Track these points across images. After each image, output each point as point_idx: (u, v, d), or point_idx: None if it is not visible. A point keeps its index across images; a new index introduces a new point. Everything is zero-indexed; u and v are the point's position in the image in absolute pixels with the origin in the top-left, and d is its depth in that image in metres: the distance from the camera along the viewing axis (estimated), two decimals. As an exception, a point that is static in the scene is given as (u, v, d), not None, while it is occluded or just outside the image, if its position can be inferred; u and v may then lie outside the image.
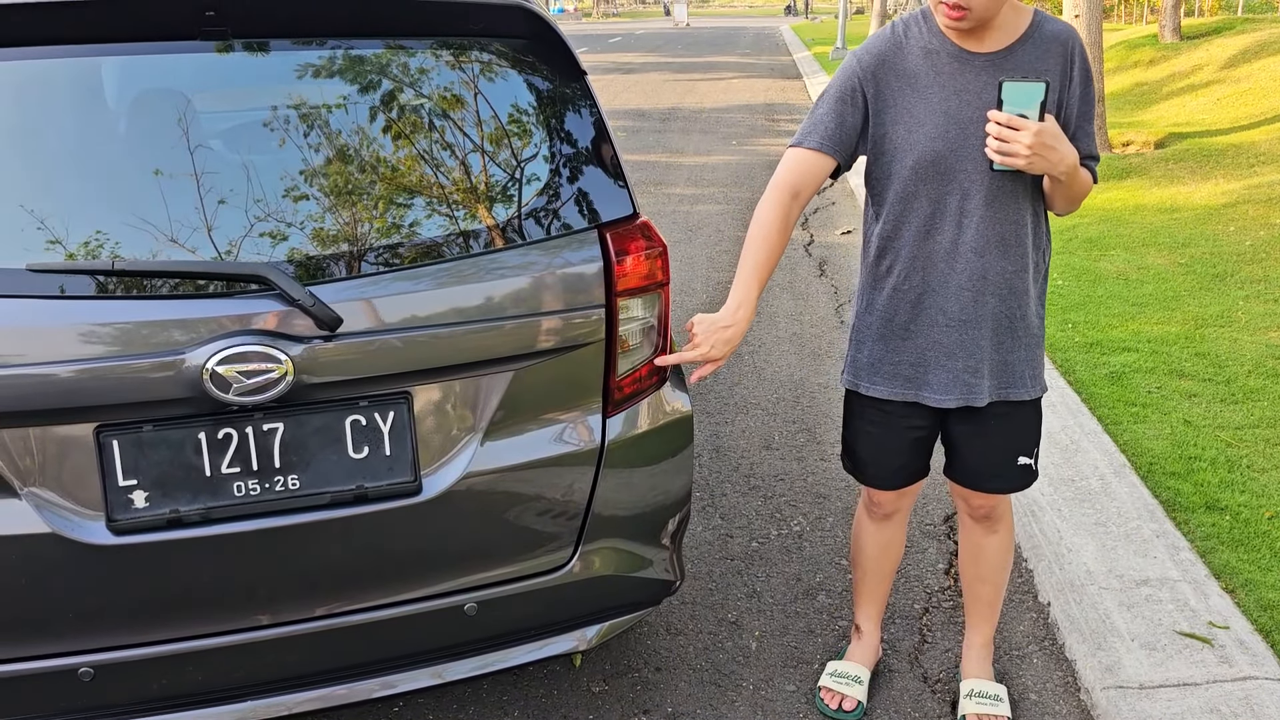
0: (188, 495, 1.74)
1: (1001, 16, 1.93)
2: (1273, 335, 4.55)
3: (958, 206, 1.98)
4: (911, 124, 1.97)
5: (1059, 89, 1.96)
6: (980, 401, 2.09)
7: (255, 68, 1.82)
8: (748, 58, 25.75)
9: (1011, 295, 2.04)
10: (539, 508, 1.96)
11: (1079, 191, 1.99)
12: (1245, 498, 3.20)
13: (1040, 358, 2.16)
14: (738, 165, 9.90)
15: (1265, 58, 10.61)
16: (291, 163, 1.78)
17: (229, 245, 1.71)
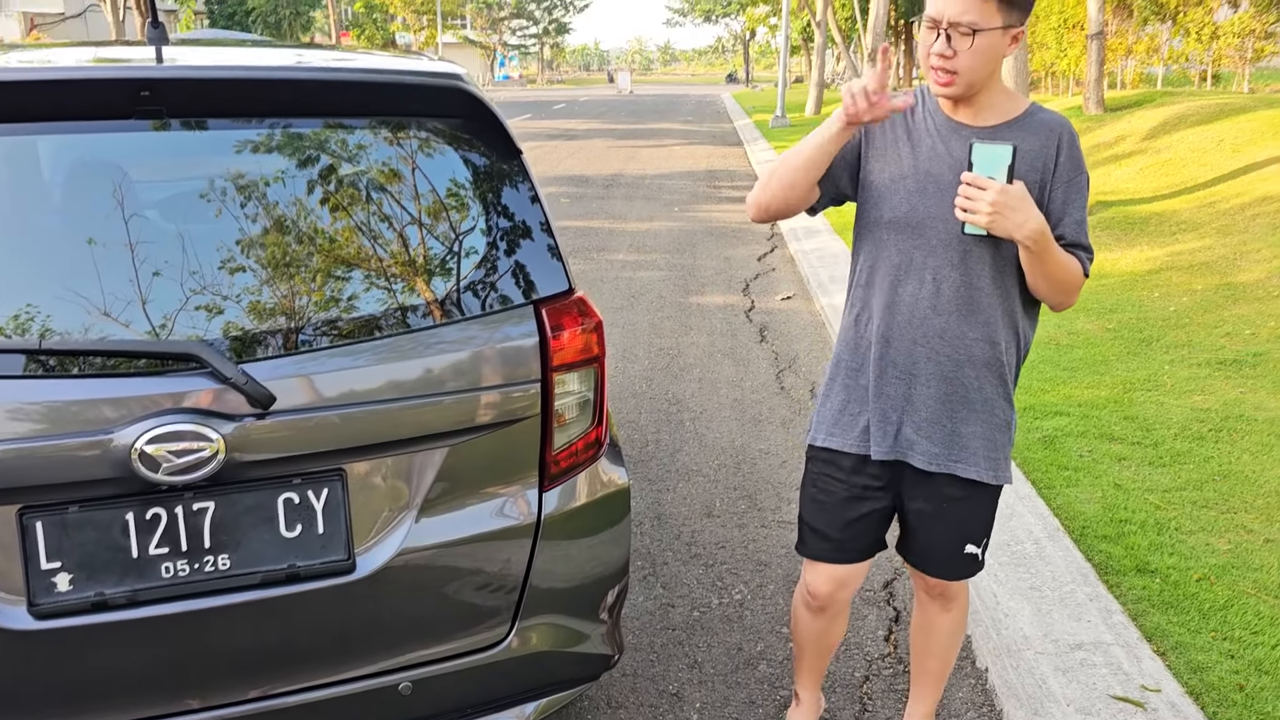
0: (114, 577, 1.70)
1: (994, 97, 1.99)
2: (1197, 399, 4.70)
3: (924, 263, 2.02)
4: (895, 174, 2.03)
5: (1043, 172, 1.98)
6: (919, 461, 2.09)
7: (191, 144, 1.83)
8: (690, 125, 26.25)
9: (969, 363, 2.05)
10: (475, 583, 1.94)
11: (1059, 274, 1.97)
12: (1174, 560, 3.27)
13: (1004, 444, 2.12)
14: (679, 231, 10.03)
15: (1183, 130, 11.09)
16: (227, 238, 1.77)
17: (162, 321, 1.70)
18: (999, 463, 2.12)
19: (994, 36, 1.88)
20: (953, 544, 2.19)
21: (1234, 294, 6.24)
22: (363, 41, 54.53)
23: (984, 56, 1.90)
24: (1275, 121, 10.21)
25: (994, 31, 1.88)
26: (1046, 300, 2.05)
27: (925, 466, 2.10)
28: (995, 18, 1.87)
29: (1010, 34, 1.91)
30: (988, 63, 1.91)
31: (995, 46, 1.90)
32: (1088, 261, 2.03)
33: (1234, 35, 14.10)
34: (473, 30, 73.30)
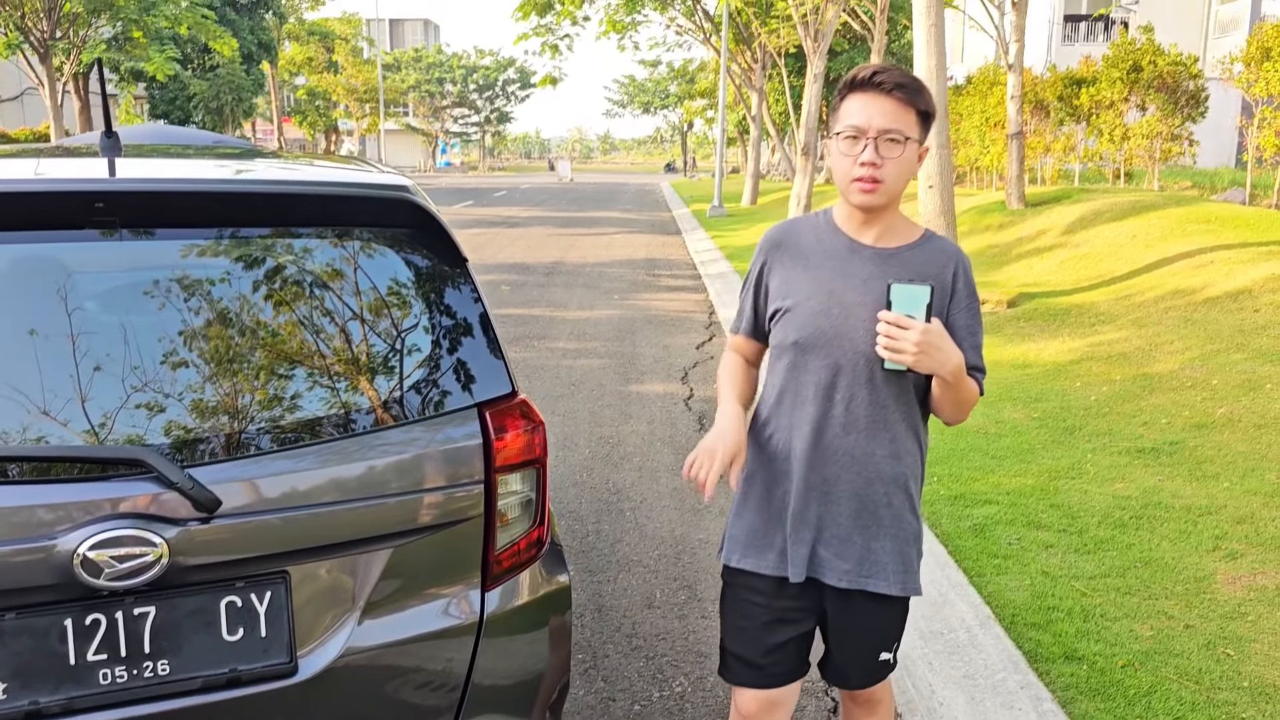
0: (49, 686, 1.69)
1: (895, 220, 2.09)
2: (1118, 486, 4.87)
3: (831, 382, 2.05)
4: (799, 298, 2.08)
5: (941, 297, 2.05)
6: (831, 579, 2.10)
7: (141, 252, 1.87)
8: (629, 214, 26.71)
9: (878, 479, 2.08)
10: (417, 683, 1.95)
11: (966, 398, 2.04)
12: (1100, 647, 3.37)
13: (913, 557, 2.15)
14: (620, 320, 10.16)
15: (1099, 225, 11.60)
16: (174, 343, 1.81)
17: (107, 425, 1.72)
18: (909, 575, 2.14)
19: (912, 149, 1.99)
20: (869, 656, 2.21)
21: (1150, 384, 6.51)
22: (305, 128, 54.81)
23: (907, 166, 2.00)
24: (1184, 219, 10.75)
25: (914, 143, 1.99)
26: (945, 418, 2.11)
27: (838, 584, 2.10)
28: (916, 130, 1.99)
29: (922, 149, 2.03)
30: (906, 173, 2.01)
31: (911, 159, 2.00)
32: (982, 380, 2.12)
33: (1143, 137, 14.87)
34: (415, 118, 74.17)
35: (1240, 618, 3.56)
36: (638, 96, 72.34)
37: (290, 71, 54.17)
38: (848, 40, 28.40)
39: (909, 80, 1.97)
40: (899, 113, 1.96)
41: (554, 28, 28.09)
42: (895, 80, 1.97)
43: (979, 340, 2.10)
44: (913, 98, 1.97)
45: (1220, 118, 15.49)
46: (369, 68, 58.83)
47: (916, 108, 1.98)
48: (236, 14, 36.62)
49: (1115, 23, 31.12)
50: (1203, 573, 3.91)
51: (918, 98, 1.98)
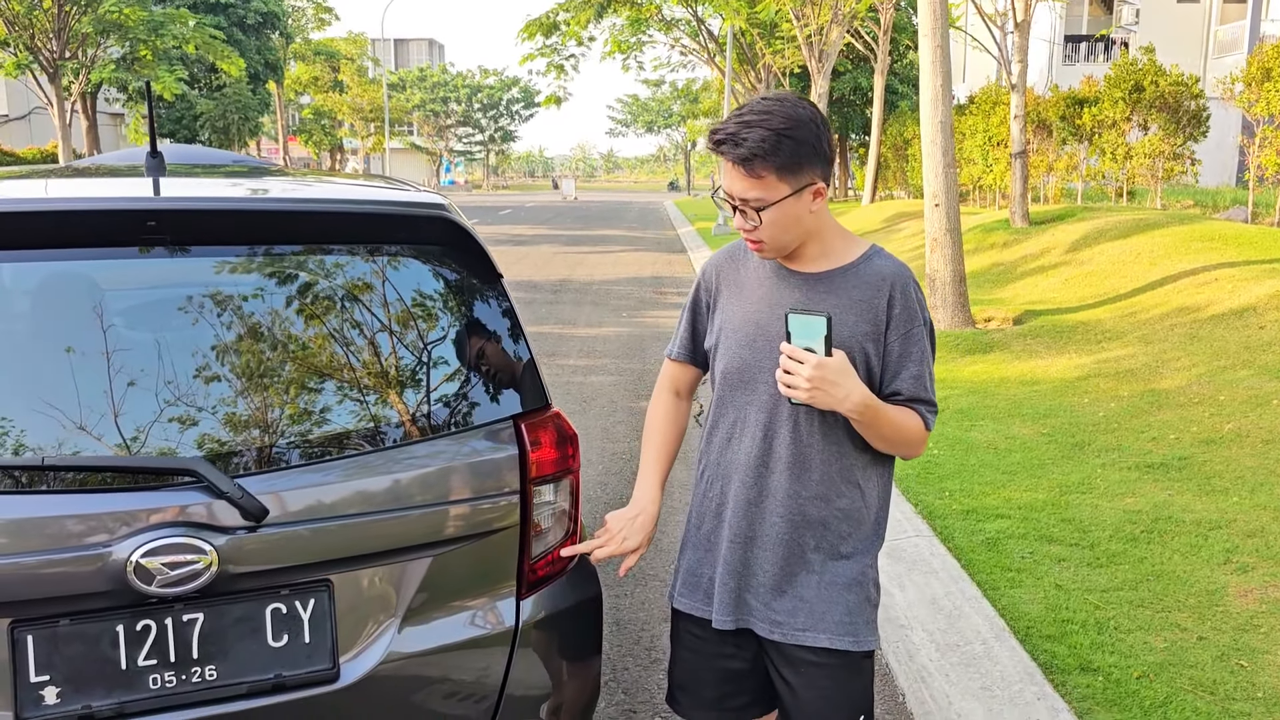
0: (102, 690, 1.74)
1: (827, 244, 1.93)
2: (1129, 501, 4.91)
3: (756, 419, 1.94)
4: (729, 329, 1.98)
5: (874, 323, 1.89)
6: (760, 629, 1.96)
7: (190, 272, 1.94)
8: (634, 231, 26.84)
9: (805, 524, 1.93)
10: (455, 689, 2.00)
11: (894, 435, 1.89)
12: (1115, 658, 3.40)
13: (858, 606, 1.96)
14: (629, 336, 10.23)
15: (1104, 243, 11.68)
16: (223, 358, 1.87)
17: (158, 437, 1.78)
18: (854, 627, 1.94)
19: (786, 205, 1.82)
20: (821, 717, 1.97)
21: (1157, 400, 6.55)
22: (310, 147, 55.11)
23: (784, 223, 1.84)
24: (1187, 237, 10.82)
25: (784, 201, 1.81)
26: (889, 453, 1.97)
27: (768, 635, 1.96)
28: (779, 189, 1.80)
29: (807, 192, 1.83)
30: (790, 226, 1.85)
31: (791, 212, 1.83)
32: (929, 414, 1.93)
33: (1145, 156, 14.97)
34: (419, 136, 74.56)
35: (1253, 630, 3.59)
36: (641, 116, 72.76)
37: (296, 91, 54.51)
38: (850, 61, 28.61)
39: (755, 147, 1.77)
40: (750, 184, 1.81)
41: (559, 48, 28.34)
42: (737, 155, 1.79)
43: (922, 370, 1.91)
44: (760, 167, 1.79)
45: (1222, 137, 15.60)
46: (374, 87, 59.20)
47: (774, 167, 1.78)
48: (243, 34, 36.90)
49: (1115, 43, 31.34)
50: (1214, 586, 3.94)
51: (769, 161, 1.78)
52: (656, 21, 27.82)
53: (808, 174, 1.82)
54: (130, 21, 22.82)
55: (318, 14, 49.33)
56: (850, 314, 1.89)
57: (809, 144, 1.81)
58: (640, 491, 2.09)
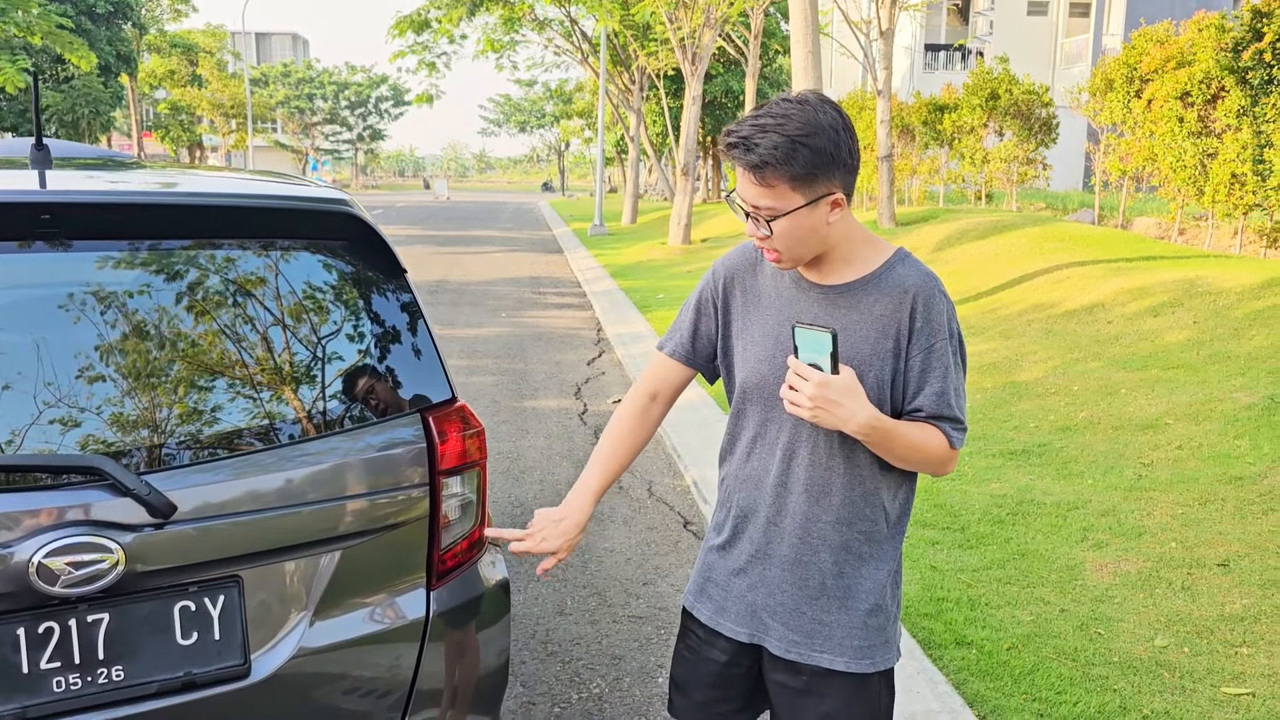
0: (2, 695, 1.69)
1: (849, 252, 1.81)
2: (994, 486, 5.20)
3: (775, 436, 1.86)
4: (748, 341, 1.90)
5: (896, 337, 1.78)
6: (775, 648, 1.90)
7: (87, 264, 1.89)
8: (510, 232, 26.70)
9: (824, 546, 1.85)
10: (368, 681, 2.01)
11: (912, 456, 1.78)
12: (987, 632, 3.62)
13: (877, 628, 1.87)
14: (509, 337, 10.21)
15: (965, 243, 12.26)
16: (125, 354, 1.83)
17: (61, 436, 1.74)
18: (870, 650, 1.87)
19: (799, 216, 1.71)
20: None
21: (1018, 391, 6.95)
22: (167, 143, 52.80)
23: (798, 235, 1.73)
24: (1041, 238, 11.46)
25: (798, 212, 1.70)
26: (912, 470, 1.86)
27: (782, 655, 1.89)
28: (793, 199, 1.69)
29: (824, 203, 1.71)
30: (805, 238, 1.74)
31: (805, 224, 1.72)
32: (955, 433, 1.80)
33: (1001, 160, 15.77)
34: (284, 134, 72.32)
35: (1108, 600, 3.87)
36: (514, 116, 72.30)
37: (151, 84, 52.15)
38: (722, 64, 29.13)
39: (767, 154, 1.66)
40: (761, 192, 1.70)
41: (431, 45, 27.93)
42: (748, 161, 1.68)
43: (946, 386, 1.78)
44: (772, 176, 1.68)
45: (1069, 143, 16.57)
46: (235, 82, 57.11)
47: (786, 176, 1.67)
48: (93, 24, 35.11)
49: (972, 52, 32.84)
50: (1073, 562, 4.23)
51: (781, 170, 1.67)
52: (529, 21, 27.73)
53: (824, 184, 1.69)
54: (-32, 7, 21.48)
55: (174, 4, 47.30)
56: (872, 329, 1.78)
57: (827, 153, 1.67)
58: (572, 496, 2.00)
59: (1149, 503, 4.78)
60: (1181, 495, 4.81)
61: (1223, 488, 4.80)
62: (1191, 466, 5.16)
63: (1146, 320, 7.78)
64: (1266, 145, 9.35)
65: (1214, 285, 8.01)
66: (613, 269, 16.35)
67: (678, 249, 19.36)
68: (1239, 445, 5.25)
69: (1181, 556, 4.20)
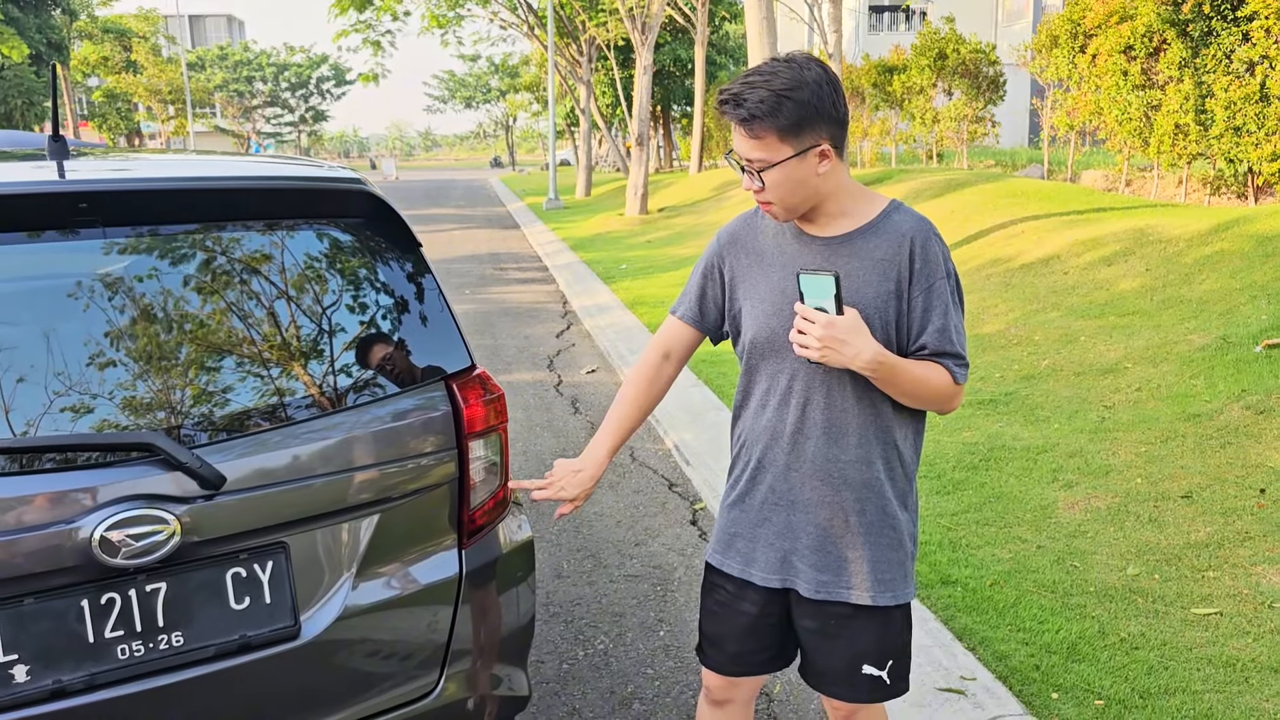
0: (71, 663, 1.77)
1: (843, 204, 1.92)
2: (966, 435, 5.39)
3: (788, 386, 1.97)
4: (755, 299, 1.99)
5: (897, 280, 1.89)
6: (805, 590, 2.01)
7: (129, 251, 1.96)
8: (464, 210, 26.56)
9: (845, 486, 1.95)
10: (407, 638, 2.11)
11: (919, 391, 1.89)
12: (970, 571, 3.80)
13: (898, 563, 2.00)
14: (476, 314, 10.25)
15: (920, 203, 12.47)
16: (166, 337, 1.91)
17: (112, 415, 1.81)
18: (893, 583, 1.99)
19: (789, 167, 1.82)
20: (847, 665, 2.04)
21: (982, 344, 7.16)
22: (105, 132, 51.65)
23: (789, 185, 1.84)
24: (994, 194, 11.70)
25: (788, 163, 1.82)
26: (920, 409, 1.97)
27: (812, 595, 2.00)
28: (781, 150, 1.81)
29: (812, 154, 1.82)
30: (796, 188, 1.85)
31: (795, 175, 1.84)
32: (958, 369, 1.92)
33: (951, 119, 16.00)
34: (224, 118, 70.99)
35: (1081, 535, 4.08)
36: (459, 92, 71.55)
37: (84, 72, 50.90)
38: (670, 33, 29.08)
39: (754, 108, 1.79)
40: (752, 145, 1.83)
41: (374, 23, 27.58)
42: (737, 115, 1.82)
43: (947, 323, 1.90)
44: (760, 128, 1.80)
45: (1015, 100, 16.85)
46: (172, 67, 55.91)
47: (775, 129, 1.79)
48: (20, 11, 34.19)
49: (915, 13, 33.06)
50: (1046, 501, 4.43)
51: (768, 122, 1.79)
52: (474, -5, 27.49)
53: (811, 135, 1.81)
54: (-107, -2, 20.83)
55: (104, -12, 46.14)
56: (874, 273, 1.89)
57: (811, 105, 1.78)
58: (590, 448, 2.13)
59: (1113, 443, 5.00)
60: (1144, 434, 5.04)
61: (1182, 425, 5.03)
62: (1151, 407, 5.39)
63: (1101, 270, 8.03)
64: (1208, 96, 9.63)
65: (1163, 234, 8.27)
66: (572, 242, 16.39)
67: (635, 219, 19.43)
68: (1195, 385, 5.49)
69: (1147, 491, 4.42)
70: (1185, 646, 3.22)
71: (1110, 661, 3.15)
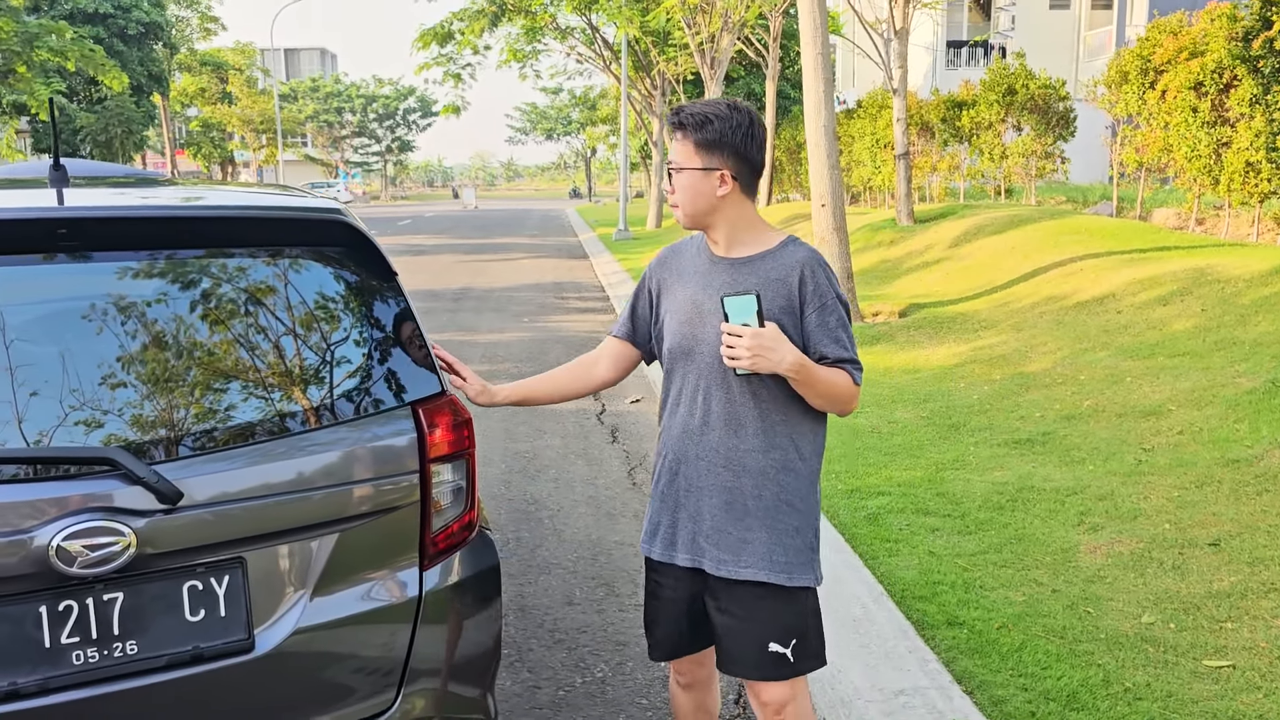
0: (26, 667, 1.85)
1: (745, 234, 2.26)
2: (997, 474, 5.29)
3: (696, 384, 2.27)
4: (673, 310, 2.32)
5: (789, 298, 2.20)
6: (709, 566, 2.27)
7: (102, 274, 2.06)
8: (535, 239, 26.94)
9: (744, 473, 2.23)
10: (364, 657, 2.16)
11: (828, 390, 2.18)
12: (979, 613, 3.73)
13: (796, 549, 2.25)
14: (530, 341, 10.39)
15: (982, 238, 12.32)
16: (132, 359, 2.00)
17: (75, 431, 1.91)
18: (790, 566, 2.23)
19: (694, 176, 2.19)
20: (753, 644, 2.26)
21: (1026, 382, 7.02)
22: (200, 160, 53.69)
23: (691, 193, 2.21)
24: (1057, 231, 11.49)
25: (694, 172, 2.19)
26: (827, 411, 2.26)
27: (714, 571, 2.26)
28: (694, 159, 2.19)
29: (714, 174, 2.18)
30: (696, 198, 2.21)
31: (698, 186, 2.20)
32: (856, 372, 2.22)
33: (1019, 155, 15.76)
34: (314, 148, 73.21)
35: (1100, 580, 3.97)
36: (540, 123, 72.73)
37: (182, 103, 53.06)
38: (743, 67, 29.23)
39: (686, 117, 2.19)
40: (675, 146, 2.24)
41: (455, 57, 28.27)
42: (676, 121, 2.22)
43: (841, 334, 2.21)
44: (683, 132, 2.20)
45: (1090, 136, 16.52)
46: (265, 98, 57.96)
47: (691, 140, 2.19)
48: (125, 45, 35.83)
49: (994, 48, 32.68)
50: (1068, 544, 4.32)
51: (690, 131, 2.19)
52: (551, 30, 28.00)
53: (719, 160, 2.19)
54: (2, 34, 22.04)
55: (203, 24, 48.12)
56: (769, 291, 2.20)
57: (728, 136, 2.17)
58: (500, 387, 2.52)
59: (1146, 486, 4.86)
60: (1179, 479, 4.89)
61: (1220, 470, 4.87)
62: (1191, 450, 5.23)
63: (1155, 309, 7.83)
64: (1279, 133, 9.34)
65: (1223, 273, 8.03)
66: (635, 273, 16.48)
67: (700, 251, 19.45)
68: (1239, 429, 5.31)
69: (1174, 537, 4.28)
70: (1191, 699, 3.11)
71: (1110, 711, 3.06)
